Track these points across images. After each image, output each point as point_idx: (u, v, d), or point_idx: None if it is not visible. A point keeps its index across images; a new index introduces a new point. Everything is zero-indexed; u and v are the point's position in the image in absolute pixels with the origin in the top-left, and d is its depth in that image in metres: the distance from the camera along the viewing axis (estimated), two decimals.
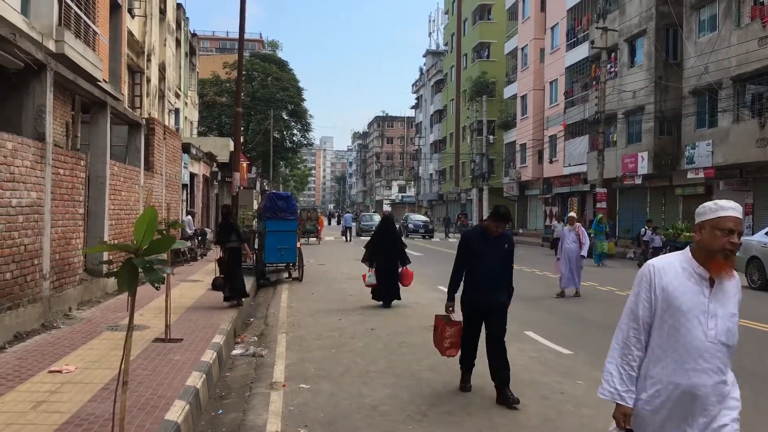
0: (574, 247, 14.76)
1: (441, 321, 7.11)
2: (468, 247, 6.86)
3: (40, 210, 9.09)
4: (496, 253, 6.71)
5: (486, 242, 6.74)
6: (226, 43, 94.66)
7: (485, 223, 6.91)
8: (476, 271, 6.76)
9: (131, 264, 4.04)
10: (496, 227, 6.68)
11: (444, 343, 7.02)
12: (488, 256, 6.69)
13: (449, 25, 72.57)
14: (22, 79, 9.16)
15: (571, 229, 15.11)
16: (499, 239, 6.74)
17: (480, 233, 6.92)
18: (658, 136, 30.19)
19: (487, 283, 6.70)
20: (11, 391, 5.94)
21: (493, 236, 6.71)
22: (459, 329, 6.96)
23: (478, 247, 6.76)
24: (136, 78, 21.71)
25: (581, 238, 14.91)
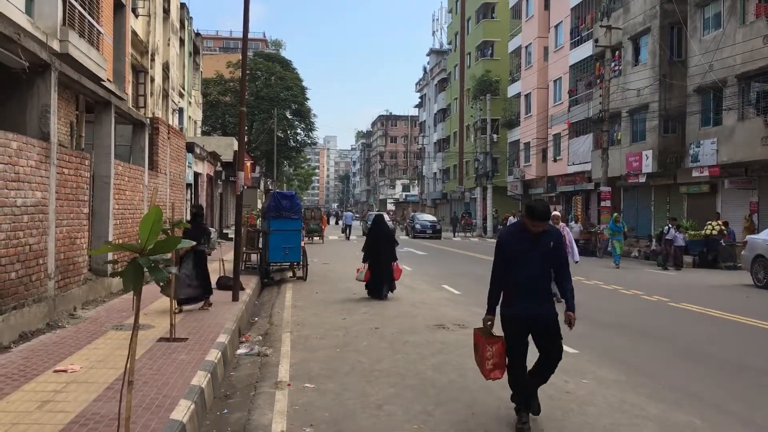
0: None
1: (480, 337, 6.03)
2: (504, 249, 5.83)
3: (44, 210, 9.10)
4: (538, 254, 5.69)
5: (525, 242, 5.71)
6: (229, 42, 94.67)
7: (523, 221, 5.86)
8: (515, 278, 5.73)
9: (136, 263, 4.04)
10: (535, 227, 5.66)
11: (486, 365, 5.94)
12: (529, 260, 5.68)
13: (453, 24, 72.48)
14: (27, 78, 9.16)
15: None
16: (541, 237, 5.71)
17: (518, 232, 5.85)
18: (663, 135, 30.09)
19: (527, 292, 5.71)
20: (17, 390, 5.95)
21: (533, 234, 5.70)
22: (501, 346, 5.87)
23: (516, 249, 5.73)
24: (140, 77, 21.72)
25: (566, 240, 12.93)
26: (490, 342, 5.89)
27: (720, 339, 10.16)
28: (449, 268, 21.90)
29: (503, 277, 5.81)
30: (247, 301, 12.38)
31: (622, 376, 7.67)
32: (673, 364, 8.41)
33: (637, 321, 11.63)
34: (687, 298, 14.46)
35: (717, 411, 6.49)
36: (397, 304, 13.34)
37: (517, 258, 5.71)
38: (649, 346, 9.58)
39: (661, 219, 31.38)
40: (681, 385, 7.34)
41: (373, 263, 14.09)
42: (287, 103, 60.00)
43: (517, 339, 5.83)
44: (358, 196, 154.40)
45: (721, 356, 8.86)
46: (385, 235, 14.57)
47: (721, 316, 12.26)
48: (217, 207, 34.34)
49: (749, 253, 18.22)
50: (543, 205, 5.75)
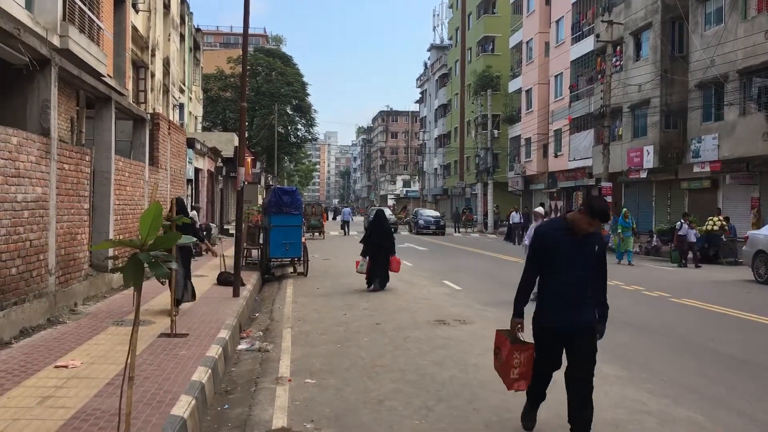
0: None
1: (505, 341, 5.38)
2: (546, 247, 5.13)
3: (45, 205, 9.10)
4: (582, 256, 5.05)
5: (569, 242, 5.03)
6: (230, 38, 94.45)
7: (571, 217, 5.12)
8: (555, 282, 5.08)
9: (137, 259, 4.03)
10: (590, 226, 4.97)
11: (511, 373, 5.30)
12: (572, 262, 5.01)
13: (453, 20, 72.37)
14: (27, 74, 9.14)
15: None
16: (586, 238, 5.06)
17: (562, 230, 5.10)
18: (664, 130, 30.06)
19: (569, 298, 5.06)
20: (17, 386, 5.94)
21: (579, 237, 5.04)
22: (531, 355, 5.27)
23: (559, 249, 5.05)
24: (140, 73, 21.69)
25: None
26: (518, 349, 5.25)
27: (721, 334, 10.16)
28: (450, 263, 21.89)
29: (535, 278, 5.25)
30: (247, 297, 12.38)
31: (623, 371, 7.67)
32: (674, 360, 8.41)
33: (638, 316, 11.62)
34: (688, 294, 14.45)
35: (718, 406, 6.48)
36: (398, 299, 13.34)
37: (558, 261, 5.03)
38: (650, 341, 9.58)
39: (662, 215, 31.38)
40: (682, 380, 7.33)
41: (373, 256, 14.74)
42: (288, 99, 59.93)
43: (550, 352, 5.24)
44: (359, 192, 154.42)
45: (722, 352, 8.85)
46: (384, 230, 15.19)
47: (722, 312, 12.25)
48: (218, 203, 34.32)
49: (750, 248, 18.21)
50: (604, 203, 5.10)
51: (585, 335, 5.13)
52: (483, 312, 11.83)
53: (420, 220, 44.15)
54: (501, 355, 5.45)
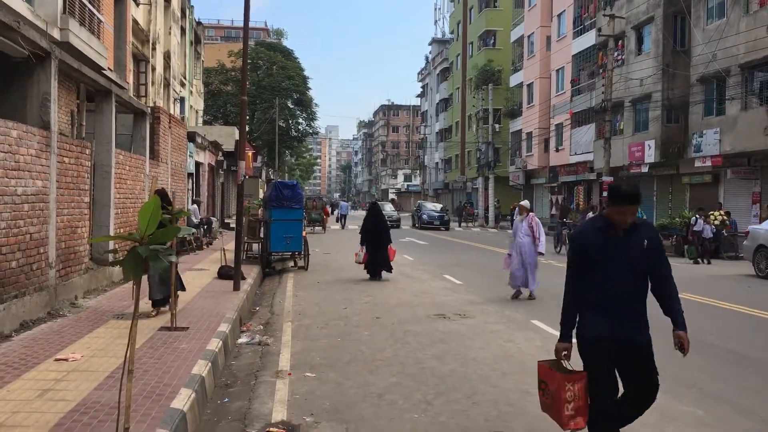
0: (527, 240, 12.68)
1: (552, 373, 4.54)
2: (585, 251, 4.39)
3: (45, 198, 9.09)
4: (628, 258, 4.29)
5: (610, 242, 4.31)
6: (231, 31, 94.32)
7: (607, 213, 4.40)
8: (599, 291, 4.33)
9: (136, 252, 4.03)
10: (622, 216, 4.25)
11: (565, 409, 4.43)
12: (615, 265, 4.30)
13: (455, 13, 72.18)
14: (27, 67, 9.13)
15: (523, 220, 12.99)
16: (632, 236, 4.31)
17: (600, 229, 4.39)
18: (666, 124, 30.01)
19: (614, 308, 4.31)
20: (17, 379, 5.95)
21: (621, 233, 4.31)
22: (585, 385, 4.40)
23: (600, 251, 4.32)
24: (141, 66, 21.66)
25: (535, 231, 12.76)
26: (570, 379, 4.40)
27: (721, 329, 10.15)
28: (450, 257, 21.89)
29: (579, 291, 4.46)
30: (248, 291, 12.38)
31: None
32: (674, 355, 8.36)
33: None
34: (688, 288, 14.43)
35: (719, 401, 6.48)
36: (399, 293, 13.35)
37: (600, 263, 4.32)
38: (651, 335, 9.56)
39: (663, 209, 31.33)
40: (682, 376, 7.32)
41: (370, 247, 15.58)
42: (289, 93, 59.88)
43: (602, 370, 4.37)
44: (360, 186, 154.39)
45: (722, 347, 8.85)
46: (381, 222, 16.05)
47: (723, 307, 12.25)
48: (219, 197, 34.33)
49: (751, 243, 18.19)
50: (630, 184, 4.34)
51: (639, 352, 4.37)
52: (483, 306, 11.83)
53: (423, 215, 42.28)
54: (549, 389, 4.56)
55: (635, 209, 4.27)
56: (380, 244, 15.56)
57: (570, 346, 4.48)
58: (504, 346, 8.63)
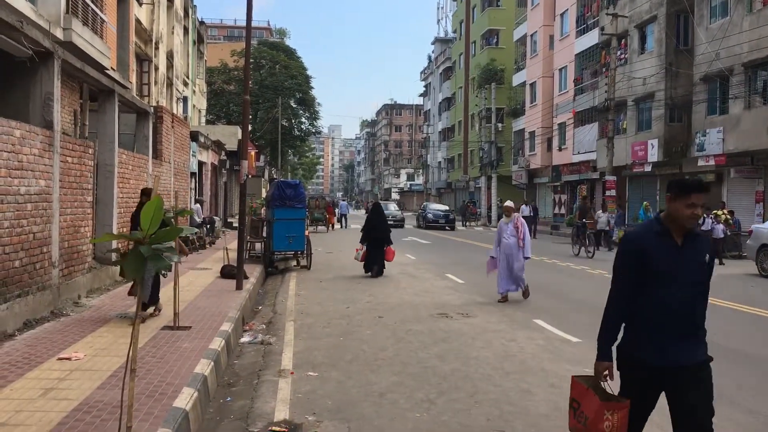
0: (513, 241, 12.37)
1: (590, 395, 3.94)
2: (642, 260, 3.75)
3: (48, 198, 9.11)
4: (689, 268, 3.76)
5: (670, 249, 3.74)
6: (234, 31, 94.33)
7: (665, 213, 3.84)
8: (653, 304, 3.74)
9: (138, 252, 4.04)
10: (691, 210, 3.69)
11: None
12: (676, 276, 3.72)
13: (458, 12, 72.13)
14: (30, 66, 9.15)
15: (508, 221, 12.69)
16: (693, 243, 3.79)
17: (659, 234, 3.79)
18: (669, 124, 29.97)
19: (673, 326, 3.73)
20: (21, 378, 5.97)
21: (680, 240, 3.76)
22: (626, 414, 3.77)
23: (657, 260, 3.72)
24: (144, 66, 21.69)
25: (520, 233, 12.44)
26: (611, 407, 3.78)
27: (724, 328, 10.14)
28: (453, 256, 21.88)
29: (627, 304, 3.87)
30: (251, 290, 12.40)
31: None
32: None
33: None
34: None
35: (721, 400, 6.46)
36: (401, 292, 13.36)
37: (658, 276, 3.72)
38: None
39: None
40: None
41: (370, 246, 15.99)
42: (291, 92, 59.87)
43: (642, 396, 3.86)
44: (363, 185, 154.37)
45: (725, 346, 8.84)
46: (382, 222, 16.48)
47: (726, 306, 12.23)
48: (222, 196, 34.36)
49: (754, 242, 18.16)
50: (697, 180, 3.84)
51: (697, 377, 3.87)
52: (485, 305, 11.83)
53: (428, 214, 42.48)
54: (583, 413, 3.96)
55: (704, 199, 3.75)
56: (380, 244, 15.96)
57: (611, 365, 3.91)
58: (506, 345, 8.63)
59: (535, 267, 18.13)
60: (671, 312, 3.72)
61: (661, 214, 3.95)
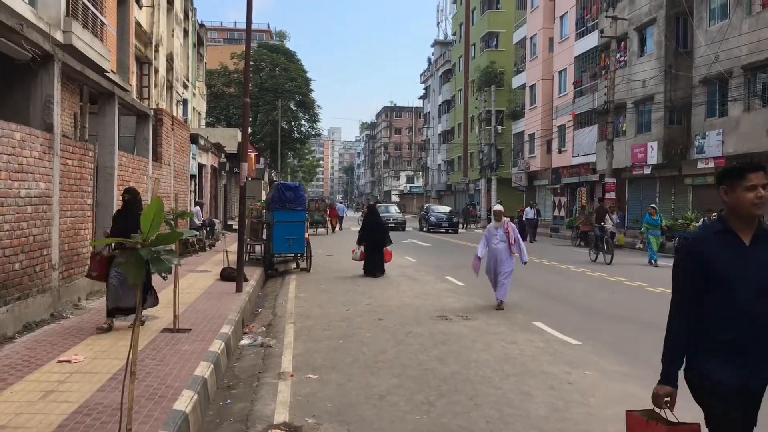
0: (502, 247, 11.76)
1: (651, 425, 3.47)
2: (704, 266, 3.28)
3: (48, 201, 9.12)
4: (760, 269, 3.23)
5: (736, 251, 3.28)
6: (233, 33, 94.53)
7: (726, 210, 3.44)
8: (723, 312, 3.23)
9: (138, 255, 4.04)
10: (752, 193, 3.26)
11: None
12: (747, 280, 3.22)
13: (457, 15, 72.19)
14: (30, 69, 9.16)
15: (498, 226, 12.06)
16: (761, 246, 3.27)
17: (722, 233, 3.36)
18: (668, 126, 29.99)
19: (748, 337, 3.20)
20: (20, 380, 5.97)
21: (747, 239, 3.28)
22: None
23: (725, 268, 3.24)
24: (144, 68, 21.72)
25: (511, 238, 11.83)
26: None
27: None
28: (453, 259, 21.87)
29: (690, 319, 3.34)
30: (250, 292, 12.40)
31: (625, 367, 7.67)
32: None
33: (641, 312, 11.61)
34: None
35: None
36: (401, 295, 13.36)
37: (724, 281, 3.23)
38: (653, 337, 9.53)
39: (666, 211, 31.28)
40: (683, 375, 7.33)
41: (367, 247, 16.47)
42: (291, 95, 59.94)
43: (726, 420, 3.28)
44: (363, 187, 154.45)
45: None
46: (378, 223, 17.08)
47: None
48: (222, 198, 34.37)
49: None
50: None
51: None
52: (485, 308, 11.83)
53: (431, 217, 41.64)
54: None
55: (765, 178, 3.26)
56: (377, 244, 16.38)
57: (674, 392, 3.43)
58: (506, 348, 8.63)
59: (533, 268, 18.13)
60: (741, 323, 3.19)
61: (722, 212, 3.54)
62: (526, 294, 13.67)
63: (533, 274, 17.04)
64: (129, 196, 8.79)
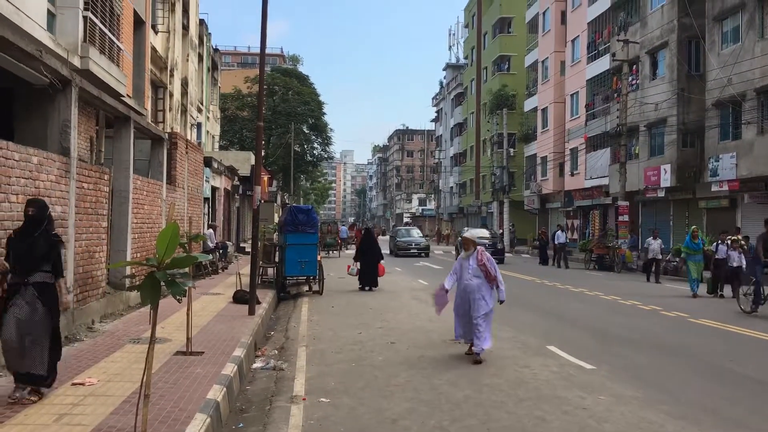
0: (476, 283, 9.33)
1: None
2: None
3: (64, 224, 9.21)
4: None
5: None
6: (247, 57, 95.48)
7: None
8: None
9: (153, 278, 4.09)
10: None
11: None
12: None
13: (469, 39, 72.65)
14: (48, 94, 9.30)
15: (469, 256, 9.58)
16: None
17: None
18: (681, 149, 29.92)
19: None
20: (35, 404, 5.99)
21: None
22: None
23: None
24: (159, 93, 21.97)
25: (490, 270, 9.39)
26: None
27: (739, 355, 10.04)
28: None
29: None
30: (263, 315, 12.41)
31: (640, 392, 7.60)
32: (692, 381, 8.32)
33: (655, 336, 11.51)
34: (706, 314, 14.31)
35: (736, 428, 6.40)
36: (413, 318, 13.32)
37: None
38: (668, 361, 9.48)
39: (680, 234, 31.07)
40: (700, 401, 7.25)
41: (363, 263, 18.56)
42: (304, 118, 60.42)
43: None
44: (375, 210, 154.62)
45: (740, 372, 8.75)
46: (372, 244, 19.01)
47: (741, 332, 12.11)
48: (234, 221, 34.52)
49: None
50: None
51: None
52: (498, 331, 11.74)
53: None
54: None
55: None
56: (371, 261, 18.56)
57: None
58: (519, 372, 8.58)
59: (544, 290, 18.01)
60: None
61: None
62: (539, 317, 13.60)
63: (546, 297, 16.94)
64: (34, 210, 6.23)
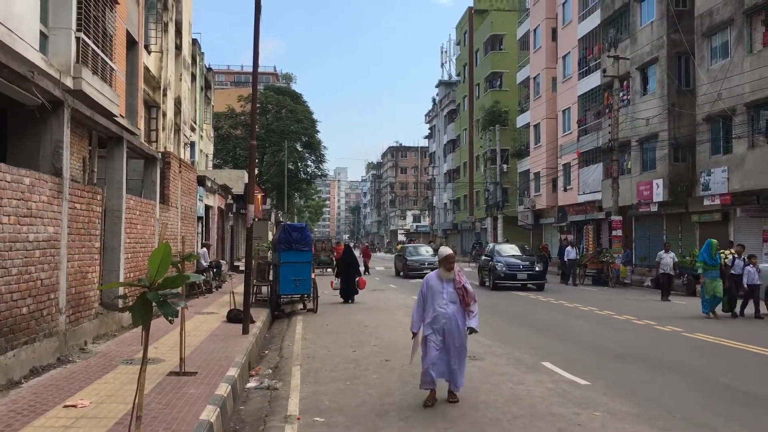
0: (452, 310, 7.74)
1: None
2: None
3: (56, 245, 9.17)
4: None
5: None
6: (240, 76, 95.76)
7: None
8: None
9: (145, 298, 4.07)
10: None
11: None
12: None
13: (461, 56, 73.13)
14: (40, 115, 9.30)
15: (446, 277, 7.93)
16: None
17: None
18: (673, 163, 30.09)
19: None
20: (26, 426, 5.94)
21: None
22: None
23: None
24: (152, 112, 21.98)
25: (467, 293, 7.86)
26: None
27: (734, 369, 10.03)
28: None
29: None
30: (257, 334, 12.36)
31: (635, 408, 7.58)
32: (687, 396, 8.31)
33: (650, 351, 11.50)
34: (701, 328, 14.32)
35: None
36: (408, 336, 13.20)
37: None
38: (663, 377, 9.47)
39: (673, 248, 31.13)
40: (695, 416, 7.24)
41: (344, 278, 20.25)
42: (298, 136, 60.54)
43: None
44: (369, 227, 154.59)
45: (735, 387, 8.74)
46: (352, 260, 20.73)
47: (736, 347, 12.11)
48: (228, 240, 34.45)
49: (764, 282, 18.01)
50: None
51: None
52: (493, 348, 11.74)
53: (498, 265, 25.71)
54: None
55: None
56: (351, 276, 20.22)
57: None
58: (514, 388, 8.55)
59: (539, 306, 17.99)
60: None
61: None
62: (533, 333, 13.58)
63: (540, 313, 16.93)
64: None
